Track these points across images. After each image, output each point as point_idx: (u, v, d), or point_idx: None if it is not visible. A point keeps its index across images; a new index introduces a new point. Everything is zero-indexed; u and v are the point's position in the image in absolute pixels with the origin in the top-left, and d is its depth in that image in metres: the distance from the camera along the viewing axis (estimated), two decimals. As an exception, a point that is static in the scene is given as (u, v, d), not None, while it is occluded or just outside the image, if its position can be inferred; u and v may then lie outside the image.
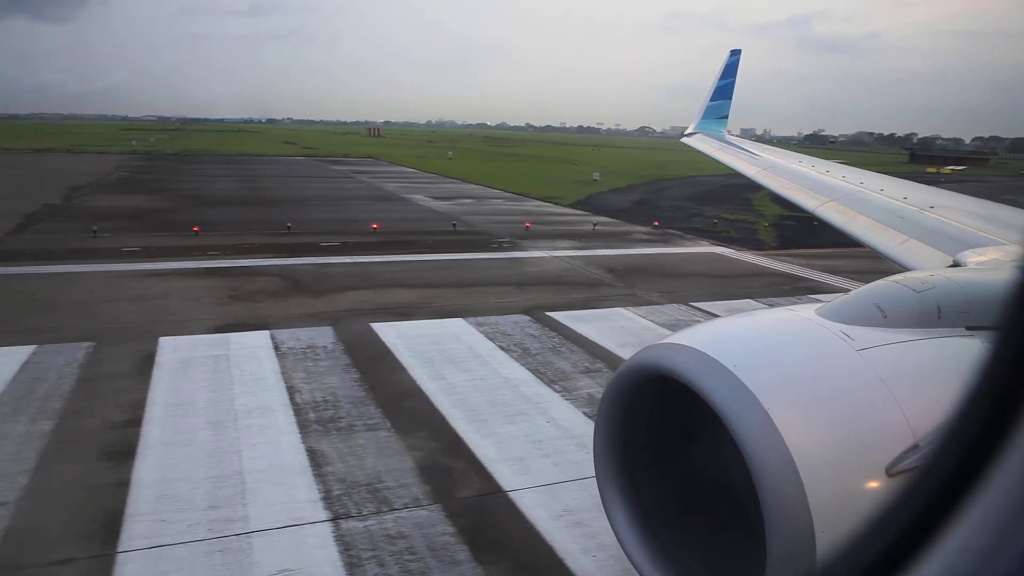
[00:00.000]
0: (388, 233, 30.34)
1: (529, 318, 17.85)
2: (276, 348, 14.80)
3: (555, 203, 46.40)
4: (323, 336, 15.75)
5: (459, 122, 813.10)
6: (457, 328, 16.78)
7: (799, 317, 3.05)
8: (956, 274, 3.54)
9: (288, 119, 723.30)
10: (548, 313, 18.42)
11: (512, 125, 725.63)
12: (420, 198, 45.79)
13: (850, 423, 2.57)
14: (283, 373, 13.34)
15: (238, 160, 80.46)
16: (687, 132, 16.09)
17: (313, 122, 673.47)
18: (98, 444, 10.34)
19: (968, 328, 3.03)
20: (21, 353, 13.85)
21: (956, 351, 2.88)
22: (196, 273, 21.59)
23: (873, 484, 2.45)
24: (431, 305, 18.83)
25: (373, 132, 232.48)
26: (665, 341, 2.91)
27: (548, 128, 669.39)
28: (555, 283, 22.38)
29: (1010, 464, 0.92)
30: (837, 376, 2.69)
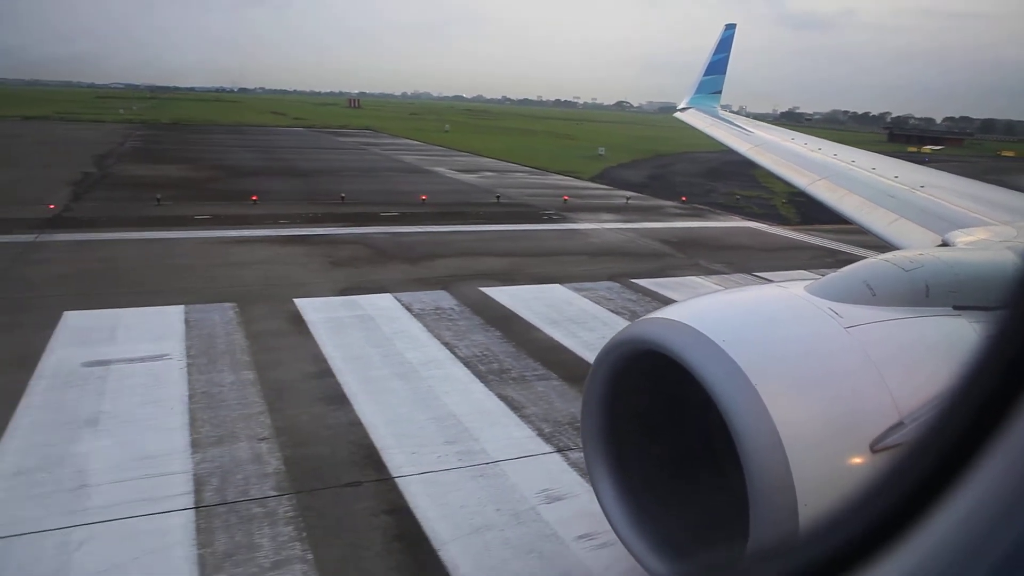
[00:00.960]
0: (438, 204, 31.26)
1: (619, 284, 19.03)
2: (408, 309, 15.84)
3: (575, 177, 47.43)
4: (442, 299, 16.81)
5: (435, 94, 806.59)
6: (561, 293, 17.93)
7: (789, 294, 3.07)
8: (945, 254, 3.57)
9: (260, 88, 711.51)
10: (633, 280, 19.62)
11: (488, 98, 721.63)
12: (444, 171, 46.54)
13: (836, 399, 2.61)
14: (430, 331, 14.40)
15: (241, 130, 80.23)
16: (680, 107, 16.09)
17: (287, 92, 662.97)
18: (309, 390, 11.38)
19: (956, 307, 3.04)
20: (176, 312, 14.75)
21: (943, 330, 2.89)
22: (283, 240, 22.43)
23: (857, 460, 2.48)
24: (523, 272, 19.93)
25: (353, 103, 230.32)
26: (655, 315, 2.98)
27: (525, 101, 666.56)
28: (622, 253, 23.57)
29: (1005, 447, 0.91)
30: (825, 353, 2.74)
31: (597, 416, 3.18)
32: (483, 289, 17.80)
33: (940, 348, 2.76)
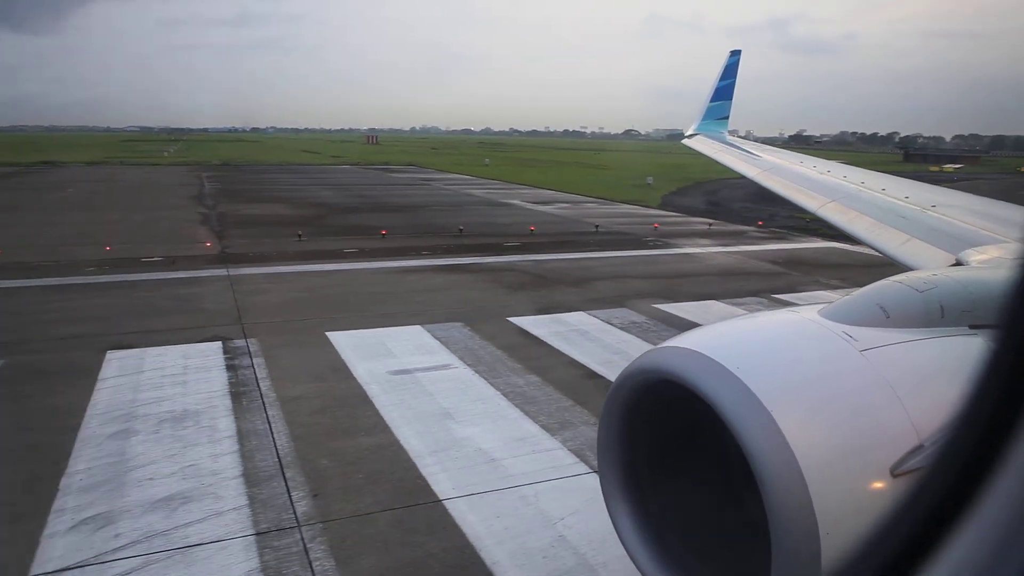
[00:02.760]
0: (546, 234, 33.52)
1: (767, 299, 21.13)
2: (609, 323, 17.96)
3: (643, 206, 49.72)
4: (630, 315, 18.92)
5: (443, 128, 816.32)
6: (723, 308, 20.02)
7: (802, 318, 3.04)
8: (959, 273, 3.53)
9: (272, 128, 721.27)
10: (775, 296, 21.71)
11: (496, 130, 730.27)
12: (520, 203, 48.92)
13: (854, 424, 2.55)
14: (645, 340, 16.50)
15: (294, 170, 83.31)
16: (688, 133, 16.06)
17: (298, 130, 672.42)
18: (596, 387, 13.42)
19: (971, 327, 3.00)
20: (418, 330, 16.90)
21: (960, 350, 2.84)
22: (445, 269, 24.67)
23: (878, 485, 2.43)
24: (676, 290, 22.05)
25: (372, 140, 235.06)
26: (667, 344, 2.93)
27: (533, 132, 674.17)
28: (743, 273, 25.69)
29: (1017, 464, 0.91)
30: (840, 377, 2.69)
31: (614, 449, 3.11)
32: (657, 306, 19.93)
33: (957, 368, 2.63)
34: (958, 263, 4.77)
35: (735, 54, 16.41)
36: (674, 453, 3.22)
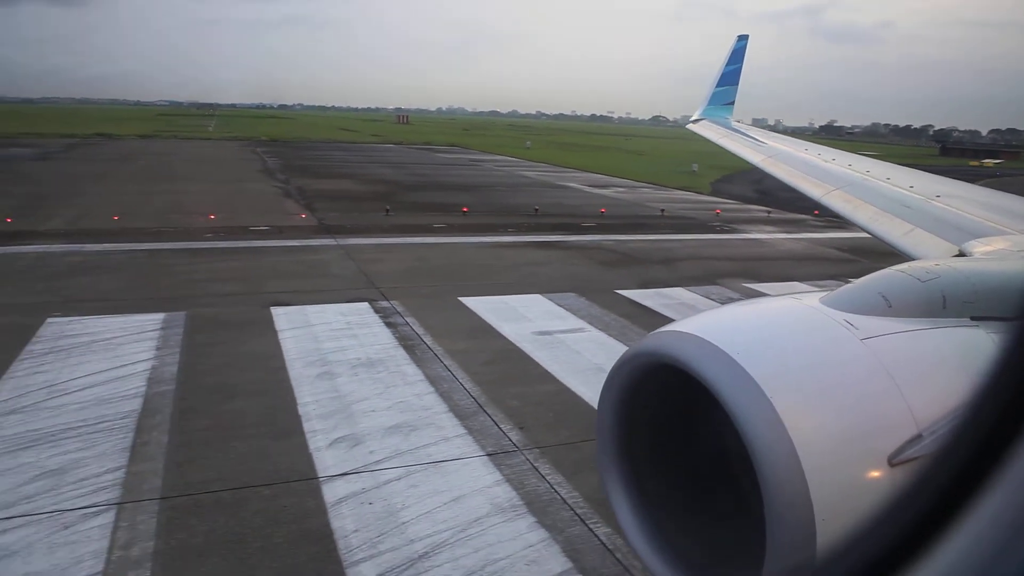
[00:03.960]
0: (616, 216, 34.98)
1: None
2: (708, 298, 19.46)
3: (695, 192, 50.96)
4: (726, 292, 20.42)
5: (469, 109, 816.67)
6: (806, 289, 21.43)
7: (803, 305, 3.05)
8: (962, 264, 3.55)
9: (299, 105, 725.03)
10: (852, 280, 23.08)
11: (523, 113, 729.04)
12: (578, 186, 50.34)
13: (853, 412, 2.56)
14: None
15: (341, 147, 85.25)
16: (693, 119, 16.06)
17: (324, 108, 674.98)
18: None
19: (973, 318, 3.01)
20: (538, 298, 18.51)
21: (961, 341, 2.86)
22: (535, 246, 26.24)
23: (875, 473, 2.44)
24: (755, 272, 23.47)
25: (402, 119, 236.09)
26: (668, 328, 2.94)
27: (560, 116, 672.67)
28: (816, 258, 27.03)
29: (1021, 459, 0.91)
30: (840, 365, 2.69)
31: (611, 431, 3.12)
32: (747, 284, 21.39)
33: (958, 359, 2.72)
34: (961, 254, 4.74)
35: (742, 39, 16.24)
36: (672, 437, 3.20)
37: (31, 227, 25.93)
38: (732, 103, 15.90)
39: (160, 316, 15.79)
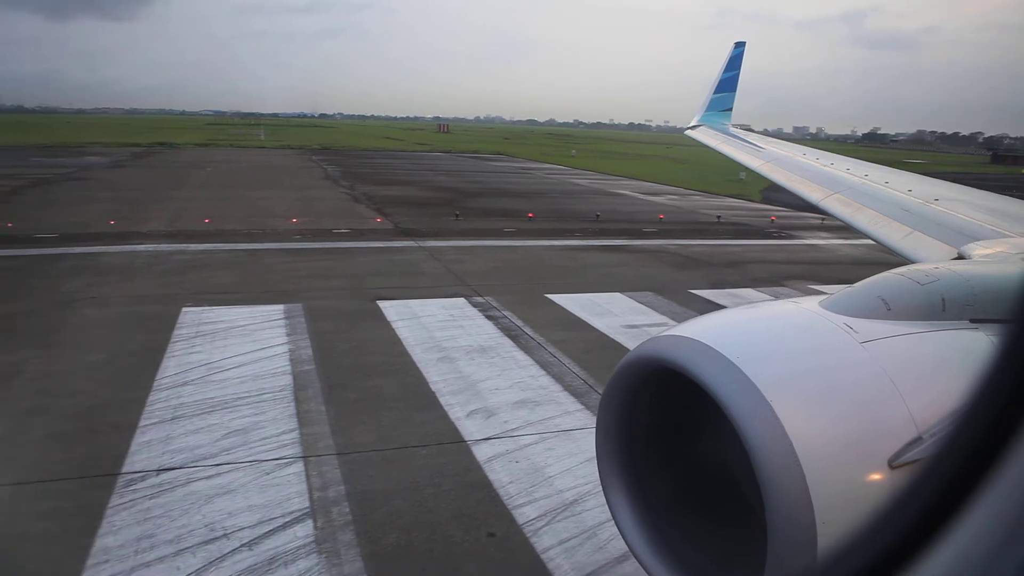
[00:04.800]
0: (676, 222, 36.09)
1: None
2: (778, 298, 20.54)
3: (746, 199, 51.75)
4: (792, 293, 21.45)
5: (507, 118, 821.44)
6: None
7: (802, 309, 3.05)
8: (961, 267, 3.55)
9: (339, 114, 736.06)
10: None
11: (560, 121, 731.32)
12: (630, 193, 51.50)
13: (853, 415, 2.56)
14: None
15: (392, 155, 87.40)
16: (690, 125, 16.02)
17: (364, 117, 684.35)
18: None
19: (973, 321, 3.00)
20: (621, 296, 19.78)
21: (960, 344, 2.86)
22: (605, 249, 27.53)
23: (875, 477, 2.44)
24: (821, 276, 24.47)
25: (443, 128, 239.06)
26: (667, 333, 2.96)
27: (598, 125, 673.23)
28: (877, 263, 27.32)
29: (1020, 461, 0.92)
30: (840, 368, 2.69)
31: (612, 436, 3.12)
32: (813, 286, 22.42)
33: (957, 362, 2.71)
34: (960, 257, 4.73)
35: (739, 46, 16.32)
36: (673, 442, 3.21)
37: (134, 228, 27.96)
38: (730, 109, 16.00)
39: (280, 307, 17.40)
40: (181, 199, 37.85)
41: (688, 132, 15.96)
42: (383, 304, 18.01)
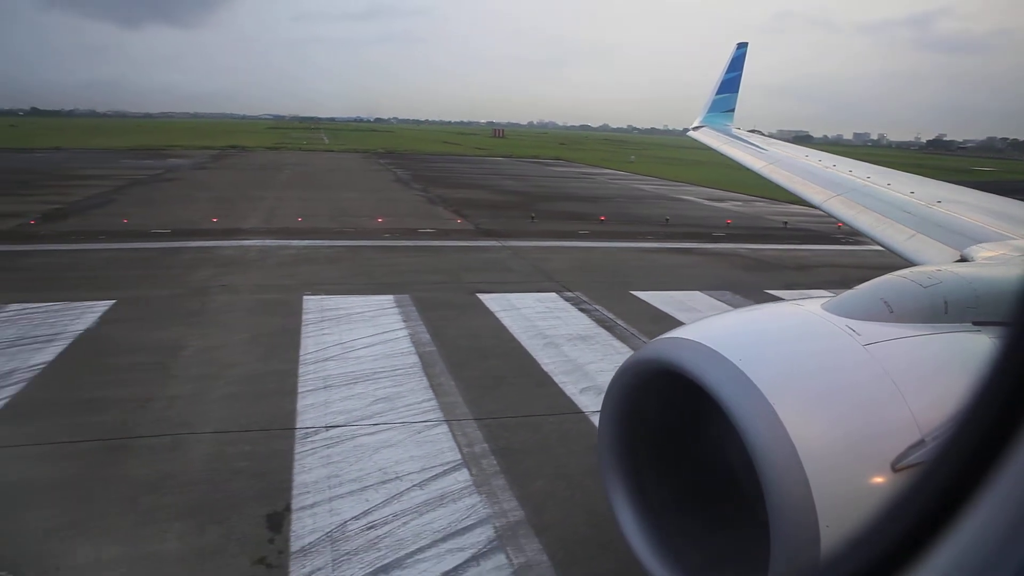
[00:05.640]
0: (744, 227, 37.03)
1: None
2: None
3: (809, 205, 52.04)
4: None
5: (560, 123, 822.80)
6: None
7: (805, 311, 3.08)
8: (963, 269, 3.56)
9: (394, 118, 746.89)
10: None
11: (614, 127, 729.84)
12: (694, 199, 52.41)
13: (855, 418, 2.57)
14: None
15: (456, 159, 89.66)
16: (693, 126, 16.00)
17: (419, 122, 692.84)
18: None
19: (975, 323, 3.00)
20: (700, 295, 20.99)
21: (963, 346, 2.86)
22: (677, 251, 28.73)
23: (878, 479, 2.43)
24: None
25: (498, 133, 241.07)
26: (670, 335, 3.01)
27: (652, 130, 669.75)
28: (948, 269, 28.43)
29: (1020, 462, 0.93)
30: (843, 371, 2.71)
31: (614, 438, 3.14)
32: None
33: (960, 364, 2.69)
34: (963, 259, 4.75)
35: (742, 47, 16.28)
36: (675, 443, 3.21)
37: (236, 226, 30.19)
38: (732, 110, 15.97)
39: (390, 297, 19.12)
40: (270, 199, 40.22)
41: (690, 133, 16.03)
42: (482, 296, 19.59)
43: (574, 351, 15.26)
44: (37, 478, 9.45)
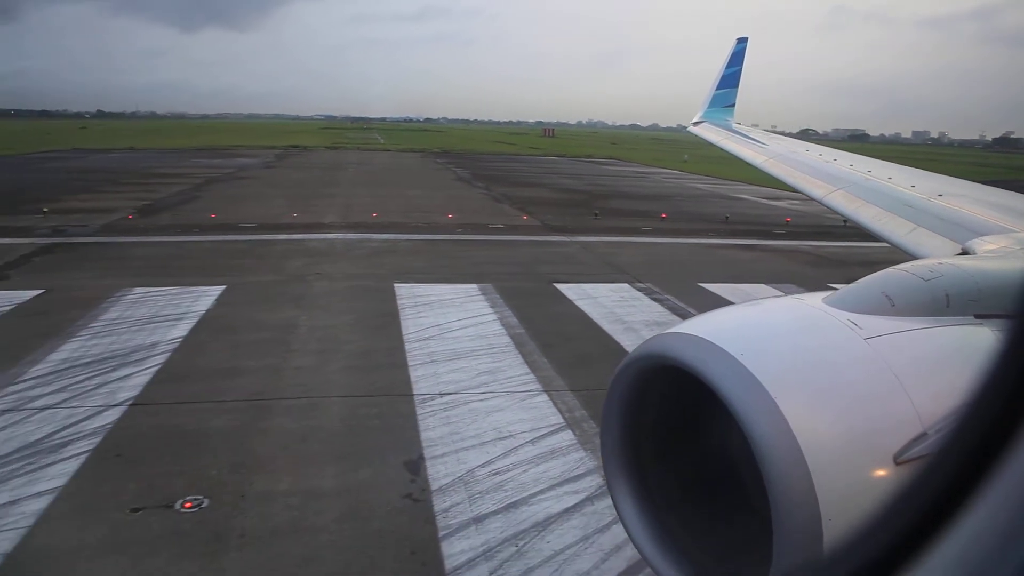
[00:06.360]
0: (803, 225, 37.57)
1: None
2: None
3: (869, 205, 52.16)
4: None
5: (609, 122, 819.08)
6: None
7: (806, 305, 3.05)
8: (965, 262, 3.60)
9: (443, 118, 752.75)
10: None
11: (664, 126, 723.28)
12: (751, 198, 52.91)
13: (858, 411, 2.55)
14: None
15: (513, 159, 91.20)
16: (693, 121, 16.00)
17: (468, 121, 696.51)
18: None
19: (977, 316, 3.01)
20: (766, 287, 21.93)
21: (965, 339, 2.87)
22: (740, 247, 29.59)
23: (880, 473, 2.44)
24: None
25: (548, 132, 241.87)
26: (672, 330, 2.98)
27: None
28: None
29: (1022, 455, 0.93)
30: (845, 364, 2.68)
31: (616, 433, 3.09)
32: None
33: (962, 357, 2.67)
34: (964, 252, 4.75)
35: (742, 41, 16.34)
36: (678, 438, 3.21)
37: (317, 220, 32.06)
38: (732, 105, 15.87)
39: (475, 286, 20.55)
40: (342, 196, 42.21)
41: (691, 128, 15.86)
42: (559, 286, 20.90)
43: (652, 335, 16.42)
44: (208, 428, 11.08)
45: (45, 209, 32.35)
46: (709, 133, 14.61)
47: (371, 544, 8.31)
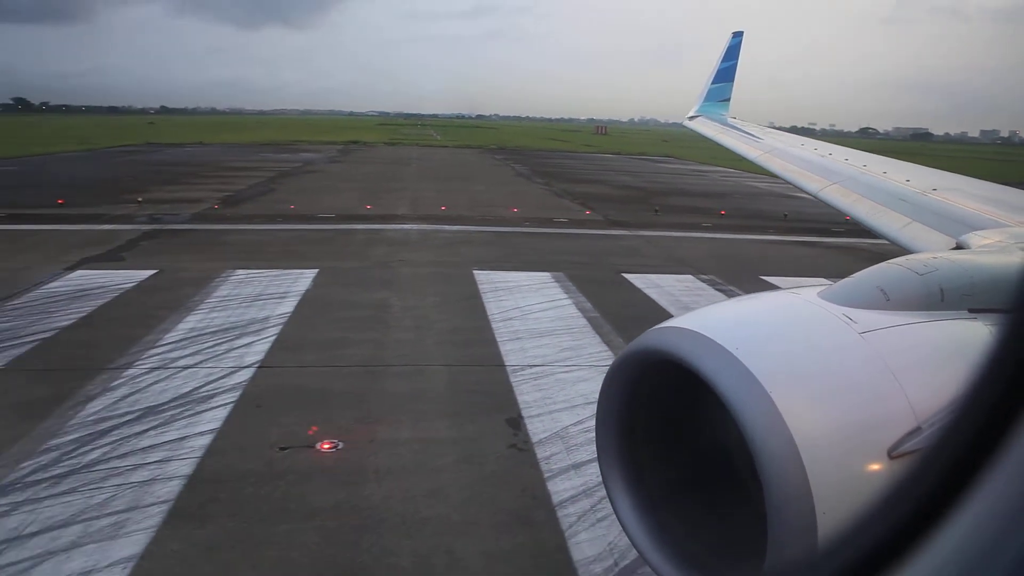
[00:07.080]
0: (859, 224, 37.97)
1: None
2: None
3: (930, 205, 51.96)
4: None
5: (661, 120, 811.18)
6: None
7: (801, 300, 3.08)
8: (959, 256, 3.63)
9: (495, 115, 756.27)
10: None
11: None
12: (808, 196, 53.01)
13: (852, 405, 2.56)
14: None
15: (567, 156, 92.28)
16: (689, 116, 15.87)
17: (519, 118, 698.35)
18: None
19: (971, 310, 3.01)
20: (825, 281, 22.74)
21: (959, 333, 2.87)
22: (799, 244, 30.35)
23: (875, 466, 2.45)
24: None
25: (600, 130, 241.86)
26: (666, 324, 2.96)
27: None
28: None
29: (1018, 450, 0.93)
30: (840, 359, 2.69)
31: (612, 428, 3.10)
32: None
33: (956, 352, 2.69)
34: (959, 247, 4.78)
35: (737, 35, 16.28)
36: (673, 433, 3.20)
37: (390, 212, 33.78)
38: (728, 99, 15.78)
39: (547, 274, 21.88)
40: (410, 190, 43.99)
41: (686, 123, 15.84)
42: (627, 276, 22.10)
43: (719, 320, 17.54)
44: (331, 388, 12.65)
45: (139, 199, 34.77)
46: (704, 127, 14.62)
47: (488, 481, 9.72)
